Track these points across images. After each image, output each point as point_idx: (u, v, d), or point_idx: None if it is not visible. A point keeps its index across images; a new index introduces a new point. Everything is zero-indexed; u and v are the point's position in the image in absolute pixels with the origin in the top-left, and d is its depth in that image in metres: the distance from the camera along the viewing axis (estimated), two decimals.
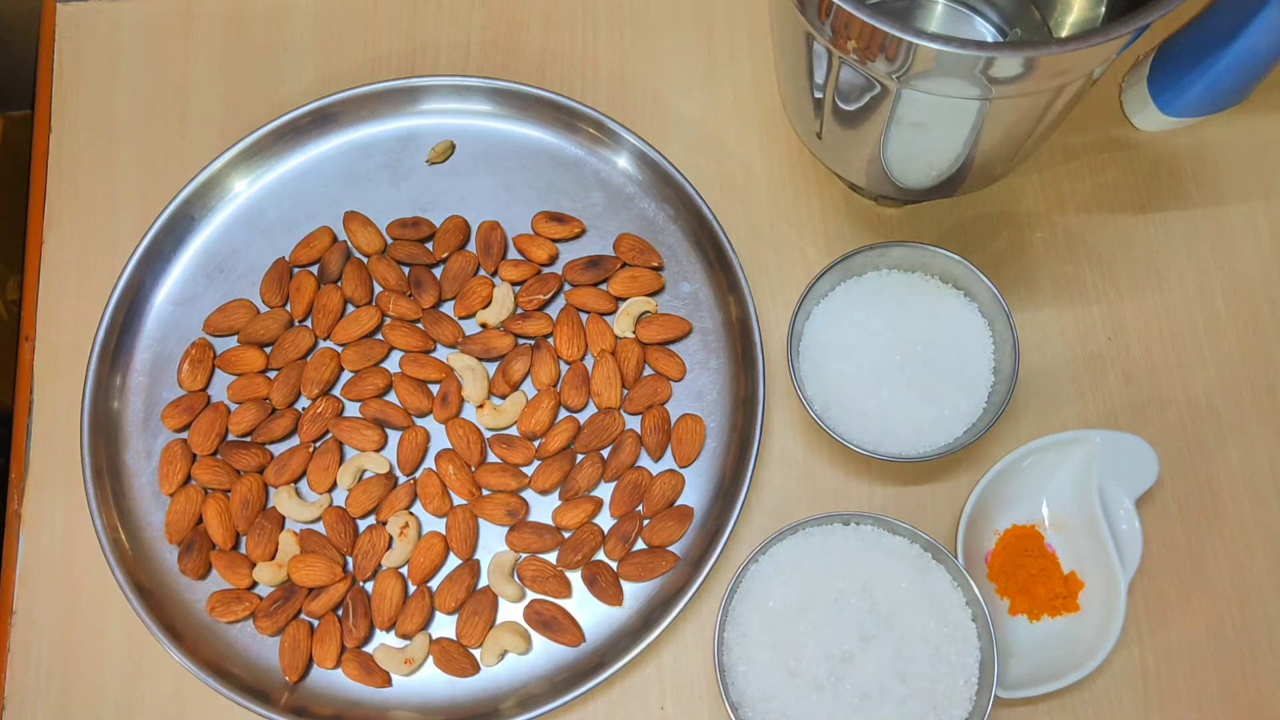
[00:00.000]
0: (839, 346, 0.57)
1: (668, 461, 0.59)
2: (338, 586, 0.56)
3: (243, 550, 0.57)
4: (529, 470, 0.58)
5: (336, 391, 0.60)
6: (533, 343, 0.60)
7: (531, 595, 0.57)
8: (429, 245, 0.62)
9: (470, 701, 0.55)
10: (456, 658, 0.55)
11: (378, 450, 0.58)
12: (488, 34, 0.67)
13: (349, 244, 0.62)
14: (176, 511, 0.57)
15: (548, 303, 0.61)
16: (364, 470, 0.58)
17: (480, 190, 0.63)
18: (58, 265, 0.63)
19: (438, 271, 0.61)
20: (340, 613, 0.56)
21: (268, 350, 0.60)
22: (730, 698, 0.51)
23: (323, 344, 0.61)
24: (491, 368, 0.60)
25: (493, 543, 0.58)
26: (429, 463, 0.59)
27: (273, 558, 0.57)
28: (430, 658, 0.56)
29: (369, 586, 0.57)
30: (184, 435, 0.59)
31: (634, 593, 0.57)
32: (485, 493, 0.58)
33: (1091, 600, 0.55)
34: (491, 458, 0.59)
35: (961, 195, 0.59)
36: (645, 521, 0.57)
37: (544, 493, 0.58)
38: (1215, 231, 0.63)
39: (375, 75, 0.66)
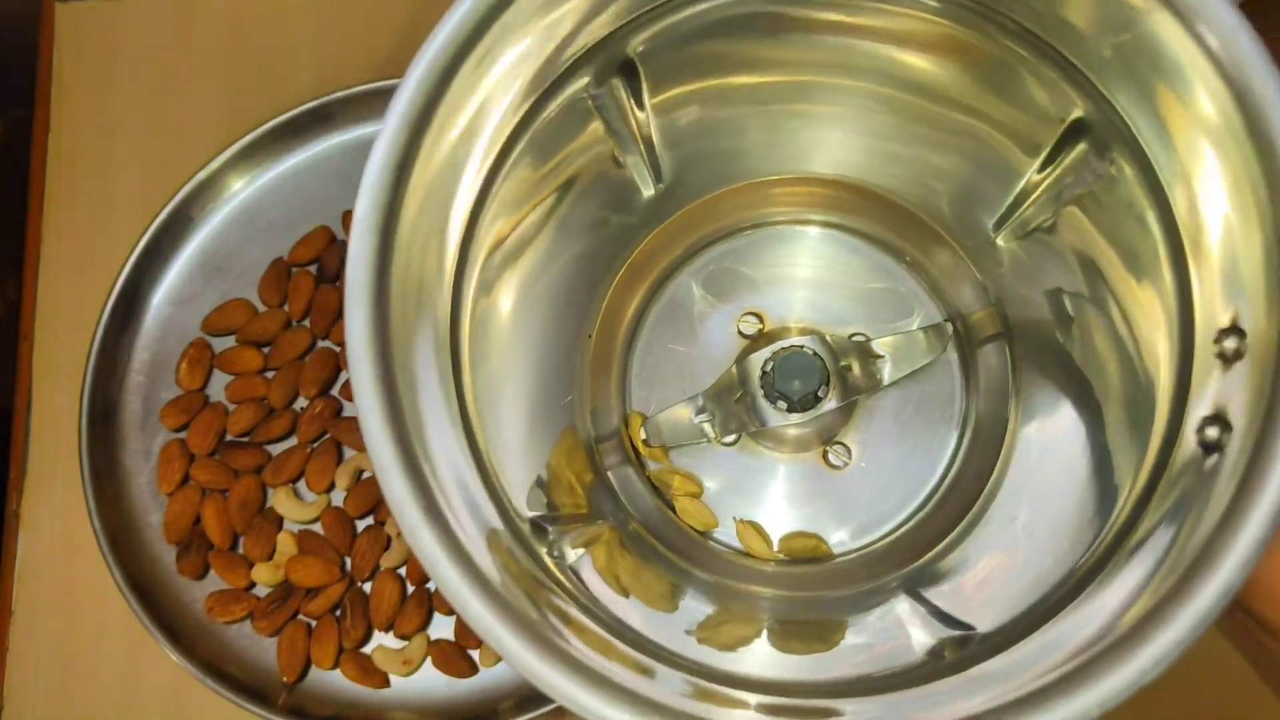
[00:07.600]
0: None
1: None
2: (335, 587, 0.56)
3: (240, 550, 0.57)
4: None
5: (334, 391, 0.60)
6: None
7: None
8: None
9: (469, 702, 0.55)
10: (455, 658, 0.55)
11: None
12: None
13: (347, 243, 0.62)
14: (175, 512, 0.57)
15: None
16: (362, 470, 0.58)
17: None
18: (56, 265, 0.63)
19: None
20: (338, 613, 0.56)
21: (266, 350, 0.60)
22: None
23: (321, 343, 0.60)
24: None
25: None
26: None
27: (270, 558, 0.57)
28: (429, 658, 0.56)
29: (367, 587, 0.57)
30: (182, 435, 0.59)
31: None
32: None
33: None
34: None
35: None
36: None
37: None
38: None
39: (375, 75, 0.65)
